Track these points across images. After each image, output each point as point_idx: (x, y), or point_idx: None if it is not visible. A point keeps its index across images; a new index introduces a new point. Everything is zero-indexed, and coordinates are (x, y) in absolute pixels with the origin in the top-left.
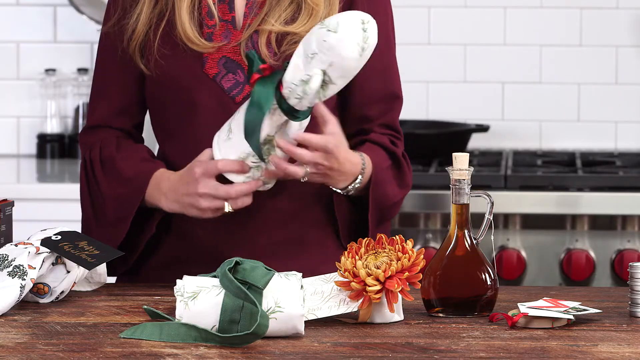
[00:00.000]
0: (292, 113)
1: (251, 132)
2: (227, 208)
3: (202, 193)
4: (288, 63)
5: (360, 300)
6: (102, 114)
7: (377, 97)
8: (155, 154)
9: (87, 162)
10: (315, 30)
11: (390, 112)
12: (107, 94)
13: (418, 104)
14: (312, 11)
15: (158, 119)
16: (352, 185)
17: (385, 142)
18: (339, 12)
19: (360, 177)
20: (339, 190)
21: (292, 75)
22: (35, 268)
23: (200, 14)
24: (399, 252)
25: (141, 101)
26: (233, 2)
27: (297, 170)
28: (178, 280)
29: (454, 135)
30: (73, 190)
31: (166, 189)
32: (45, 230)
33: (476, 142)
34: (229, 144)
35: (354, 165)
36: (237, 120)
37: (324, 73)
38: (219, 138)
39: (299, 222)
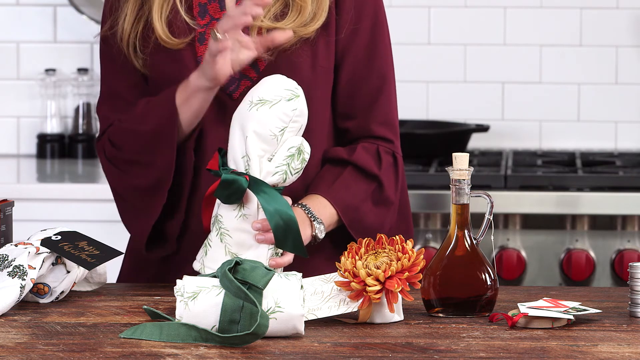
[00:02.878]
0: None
1: (292, 227)
2: (215, 35)
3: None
4: (246, 169)
5: (360, 300)
6: (118, 113)
7: (366, 80)
8: None
9: (105, 152)
10: (266, 111)
11: (380, 96)
12: (119, 96)
13: (418, 104)
14: (300, 8)
15: None
16: (317, 230)
17: (369, 164)
18: (331, 7)
19: (315, 222)
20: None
21: (270, 163)
22: (35, 268)
23: (191, 9)
24: (399, 252)
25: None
26: (223, 0)
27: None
28: (178, 280)
29: (454, 135)
30: (73, 190)
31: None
32: (45, 230)
33: (476, 142)
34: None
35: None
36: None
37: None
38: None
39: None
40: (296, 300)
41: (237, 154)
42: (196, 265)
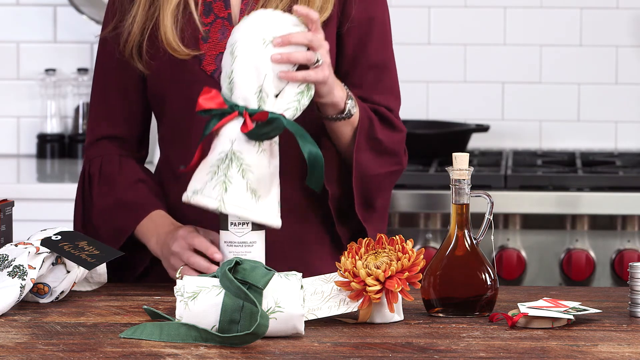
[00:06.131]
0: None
1: (319, 163)
2: (178, 273)
3: (174, 252)
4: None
5: (360, 300)
6: (105, 125)
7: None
8: (156, 160)
9: (85, 178)
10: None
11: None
12: (108, 103)
13: (418, 104)
14: (307, 2)
15: (160, 119)
16: (349, 101)
17: (392, 118)
18: (335, 5)
19: (350, 99)
20: (337, 116)
21: (281, 99)
22: (35, 268)
23: (191, 15)
24: (399, 252)
25: (144, 107)
26: (229, 0)
27: (308, 56)
28: (178, 280)
29: (454, 135)
30: (73, 190)
31: (162, 233)
32: (45, 230)
33: (476, 142)
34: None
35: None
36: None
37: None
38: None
39: (298, 222)
40: (296, 300)
41: (247, 90)
42: (209, 202)
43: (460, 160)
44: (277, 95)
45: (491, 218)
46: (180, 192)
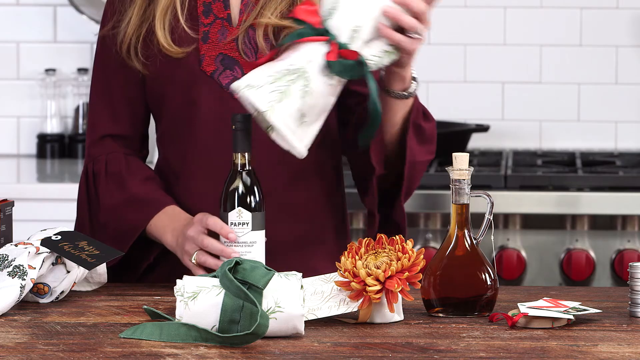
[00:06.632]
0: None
1: (377, 120)
2: (192, 258)
3: (189, 236)
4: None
5: (360, 300)
6: (107, 123)
7: None
8: (155, 161)
9: (89, 176)
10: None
11: None
12: (109, 101)
13: None
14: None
15: (159, 119)
16: (414, 83)
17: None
18: None
19: (415, 82)
20: (400, 92)
21: (368, 49)
22: (35, 268)
23: (195, 13)
24: (399, 252)
25: (144, 106)
26: (228, 0)
27: (414, 24)
28: (178, 280)
29: (454, 135)
30: (73, 190)
31: (178, 226)
32: (45, 230)
33: (476, 142)
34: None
35: None
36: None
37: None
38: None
39: (298, 222)
40: (296, 300)
41: (344, 23)
42: (259, 102)
43: (460, 160)
44: (365, 43)
45: (491, 218)
46: (180, 192)
